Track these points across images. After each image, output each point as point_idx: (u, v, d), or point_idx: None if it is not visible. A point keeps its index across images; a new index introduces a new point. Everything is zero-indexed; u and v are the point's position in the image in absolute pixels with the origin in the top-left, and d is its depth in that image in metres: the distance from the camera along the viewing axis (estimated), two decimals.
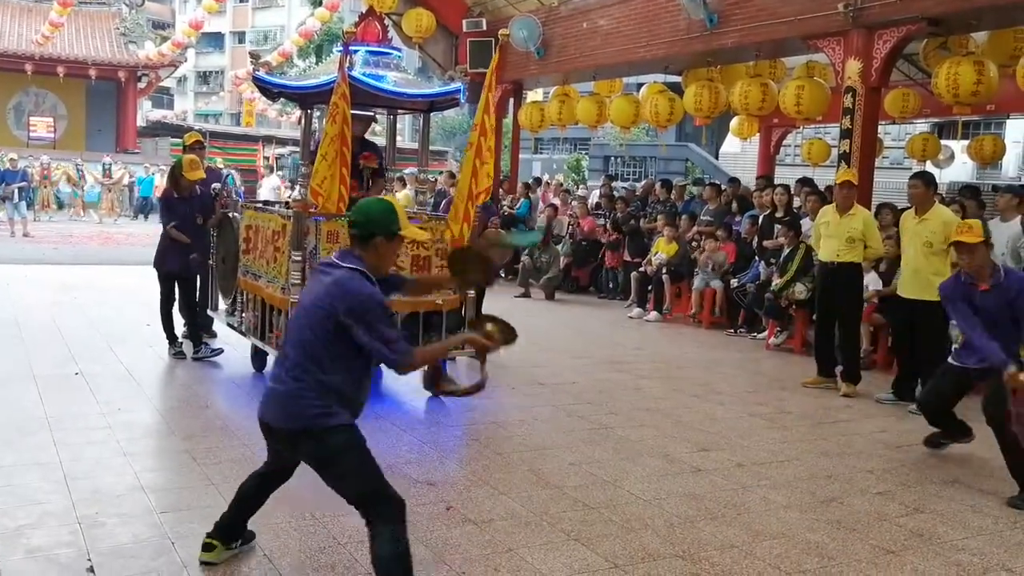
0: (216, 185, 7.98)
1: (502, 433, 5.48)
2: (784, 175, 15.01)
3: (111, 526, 3.70)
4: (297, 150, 13.90)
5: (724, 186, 12.18)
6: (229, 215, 7.28)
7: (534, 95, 18.59)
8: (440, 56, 14.98)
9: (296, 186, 9.66)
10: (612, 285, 12.64)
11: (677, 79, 13.00)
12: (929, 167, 13.26)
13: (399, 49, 6.99)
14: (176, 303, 7.08)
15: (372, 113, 7.26)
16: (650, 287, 10.99)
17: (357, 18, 6.61)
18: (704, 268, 10.33)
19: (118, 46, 29.12)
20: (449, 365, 6.62)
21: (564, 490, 4.45)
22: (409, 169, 15.12)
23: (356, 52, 6.27)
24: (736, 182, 12.63)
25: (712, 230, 10.64)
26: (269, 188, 20.53)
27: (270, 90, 6.57)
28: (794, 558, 3.77)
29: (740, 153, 22.70)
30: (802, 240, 8.88)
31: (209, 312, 7.50)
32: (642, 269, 11.14)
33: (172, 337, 7.08)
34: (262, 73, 6.36)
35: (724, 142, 24.65)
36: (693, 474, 4.85)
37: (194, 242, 7.01)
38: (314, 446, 3.03)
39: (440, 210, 8.55)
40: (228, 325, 7.05)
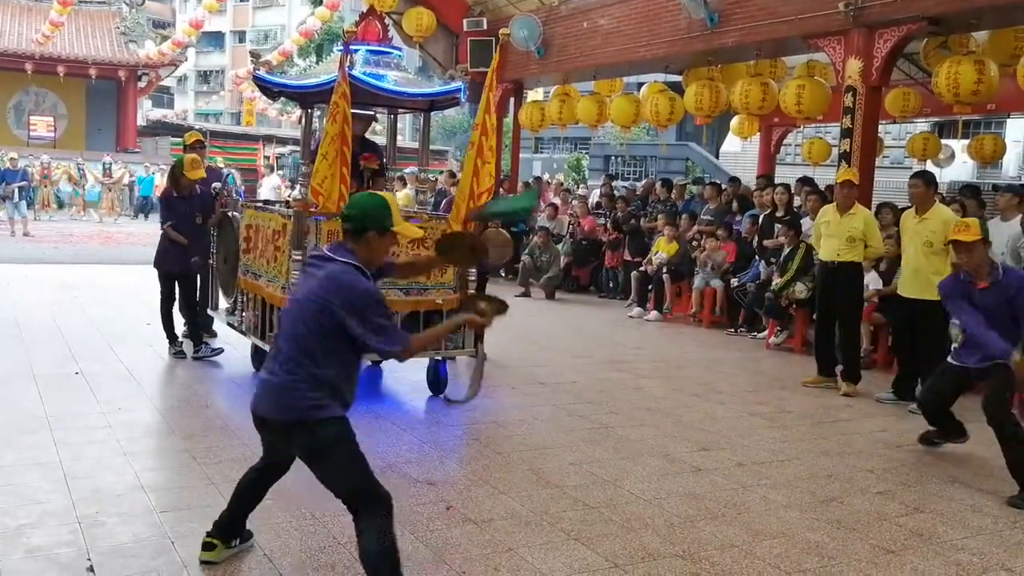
0: (216, 184, 7.98)
1: (502, 432, 5.48)
2: (784, 174, 14.98)
3: (111, 525, 3.70)
4: (297, 149, 13.90)
5: (724, 185, 12.17)
6: (229, 214, 7.28)
7: (534, 94, 18.62)
8: (440, 55, 14.98)
9: (296, 185, 9.66)
10: (612, 284, 12.64)
11: (677, 78, 13.00)
12: (929, 166, 13.25)
13: (399, 48, 7.00)
14: (176, 302, 7.08)
15: (372, 112, 7.26)
16: (650, 286, 10.99)
17: (357, 17, 6.61)
18: (703, 267, 10.33)
19: (118, 45, 29.13)
20: (449, 365, 6.62)
21: (564, 489, 4.45)
22: (409, 168, 15.12)
23: (356, 51, 6.26)
24: (736, 181, 12.62)
25: (712, 229, 10.64)
26: (269, 187, 20.54)
27: (270, 89, 6.56)
28: (794, 558, 3.77)
29: (740, 152, 22.68)
30: (802, 239, 8.88)
31: (209, 311, 7.50)
32: (642, 268, 11.14)
33: (172, 336, 7.08)
34: (262, 72, 6.36)
35: (724, 141, 24.63)
36: (693, 474, 4.85)
37: (194, 241, 7.01)
38: (307, 438, 3.04)
39: (441, 209, 8.54)
40: (228, 324, 7.05)
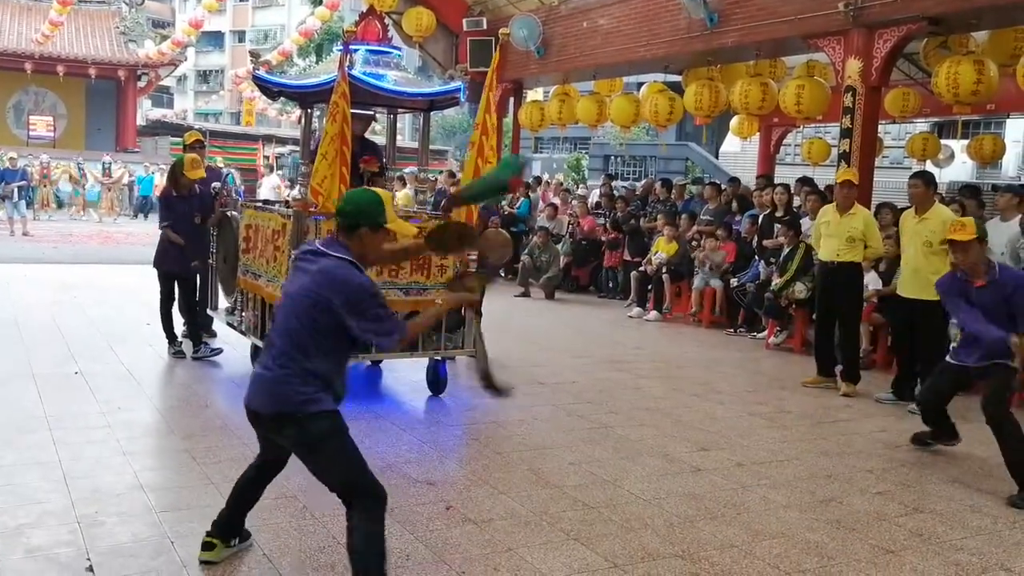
0: (216, 184, 7.98)
1: (502, 432, 5.48)
2: (784, 174, 14.99)
3: (110, 525, 3.70)
4: (297, 149, 13.89)
5: (724, 185, 12.17)
6: (229, 214, 7.28)
7: (534, 94, 18.62)
8: (440, 55, 14.98)
9: (296, 185, 9.66)
10: (612, 284, 12.64)
11: (677, 78, 13.01)
12: (929, 166, 13.27)
13: (399, 48, 7.00)
14: (176, 302, 7.08)
15: (372, 112, 7.26)
16: (650, 286, 10.99)
17: (357, 17, 6.61)
18: (702, 267, 10.33)
19: (118, 45, 29.13)
20: (449, 365, 6.62)
21: (564, 489, 4.45)
22: (409, 168, 15.13)
23: (356, 51, 6.27)
24: (736, 181, 12.62)
25: (712, 229, 10.64)
26: (269, 187, 20.52)
27: (270, 89, 6.57)
28: (794, 558, 3.77)
29: (740, 152, 22.69)
30: (802, 239, 8.88)
31: (209, 311, 7.50)
32: (642, 268, 11.14)
33: (172, 336, 7.08)
34: (262, 72, 6.36)
35: (724, 141, 24.64)
36: (693, 474, 4.85)
37: (193, 241, 7.00)
38: (297, 432, 3.05)
39: (440, 208, 8.53)
40: (228, 324, 7.05)
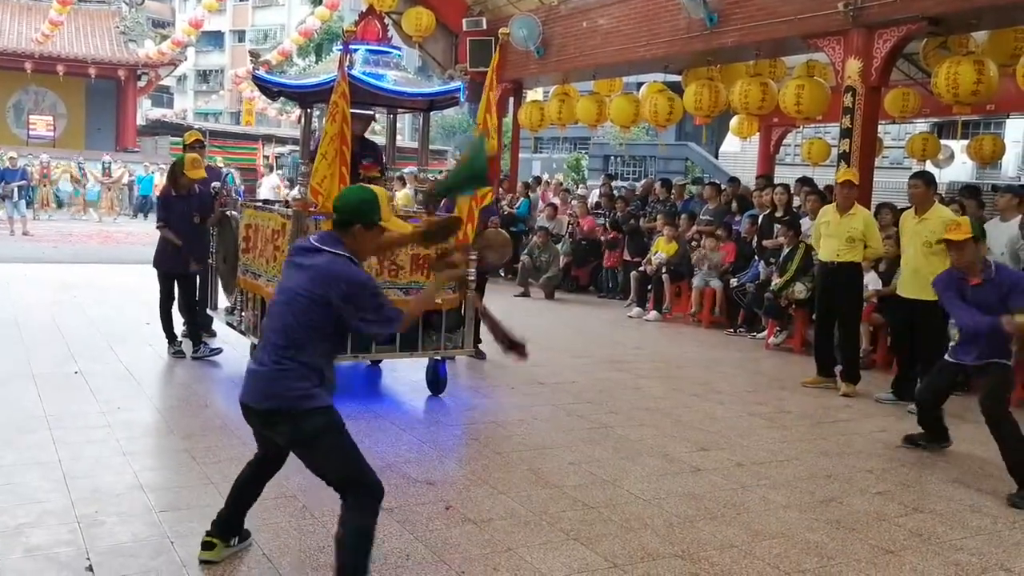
0: (216, 184, 7.98)
1: (501, 432, 5.48)
2: (784, 174, 15.00)
3: (110, 525, 3.70)
4: (297, 149, 13.89)
5: (724, 185, 12.17)
6: (228, 214, 7.28)
7: (534, 94, 18.62)
8: (440, 55, 14.98)
9: (296, 185, 9.66)
10: (612, 284, 12.64)
11: (677, 78, 13.01)
12: (929, 167, 13.27)
13: (399, 48, 6.99)
14: (176, 302, 7.08)
15: (372, 112, 7.26)
16: (650, 286, 10.99)
17: (357, 17, 6.61)
18: (700, 266, 10.34)
19: (118, 45, 29.13)
20: (449, 365, 6.62)
21: (563, 489, 4.45)
22: (409, 168, 15.11)
23: (356, 51, 6.26)
24: (736, 181, 12.62)
25: (712, 229, 10.64)
26: (269, 187, 20.52)
27: (270, 89, 6.56)
28: (793, 558, 3.77)
29: (740, 152, 22.69)
30: (802, 240, 8.88)
31: (208, 311, 7.50)
32: (642, 268, 11.14)
33: (171, 336, 7.07)
34: (262, 72, 6.36)
35: (724, 141, 24.64)
36: (693, 474, 4.85)
37: (192, 241, 6.99)
38: (291, 428, 3.05)
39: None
40: (227, 324, 7.05)
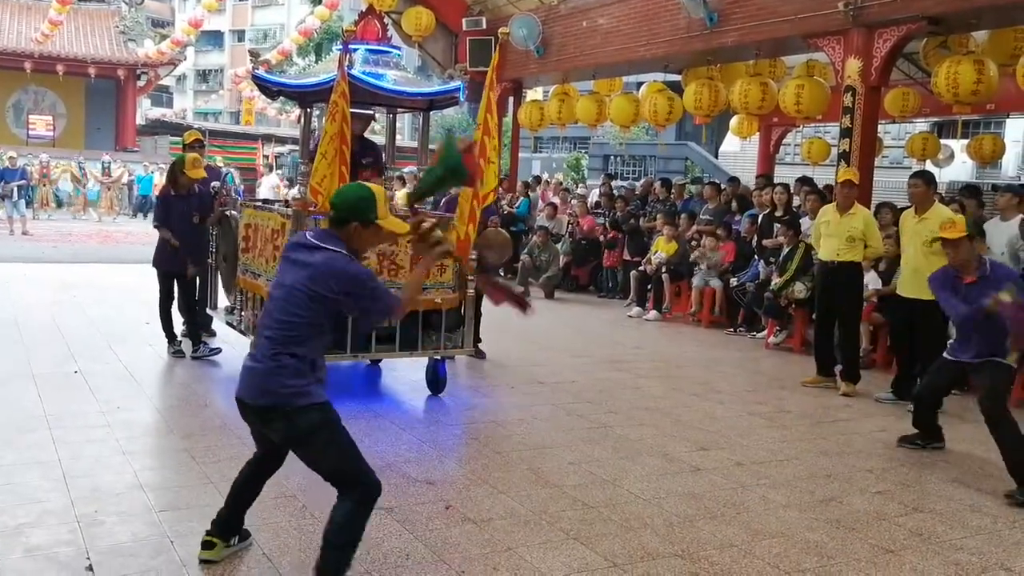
0: (215, 184, 7.98)
1: (501, 432, 5.48)
2: (784, 174, 14.99)
3: (110, 524, 3.70)
4: (296, 148, 13.89)
5: (724, 185, 12.17)
6: (228, 214, 7.28)
7: (534, 94, 18.61)
8: (440, 55, 14.97)
9: (295, 184, 9.66)
10: (612, 284, 12.64)
11: (677, 78, 13.00)
12: (929, 166, 13.27)
13: (399, 48, 6.99)
14: (175, 302, 7.07)
15: (371, 111, 7.26)
16: (650, 286, 10.99)
17: (357, 16, 6.60)
18: (699, 265, 10.34)
19: (117, 44, 29.11)
20: (448, 364, 6.62)
21: (563, 489, 4.44)
22: (408, 168, 15.12)
23: (356, 50, 6.26)
24: (736, 181, 12.62)
25: (712, 229, 10.64)
26: (268, 187, 20.54)
27: (269, 88, 6.56)
28: (793, 557, 3.77)
29: (740, 152, 22.69)
30: (801, 239, 8.88)
31: (208, 311, 7.49)
32: (642, 268, 11.14)
33: (171, 336, 7.07)
34: (261, 71, 6.35)
35: (724, 141, 24.63)
36: (692, 473, 4.85)
37: (191, 241, 6.99)
38: (286, 425, 3.05)
39: (440, 208, 8.53)
40: (227, 324, 7.05)
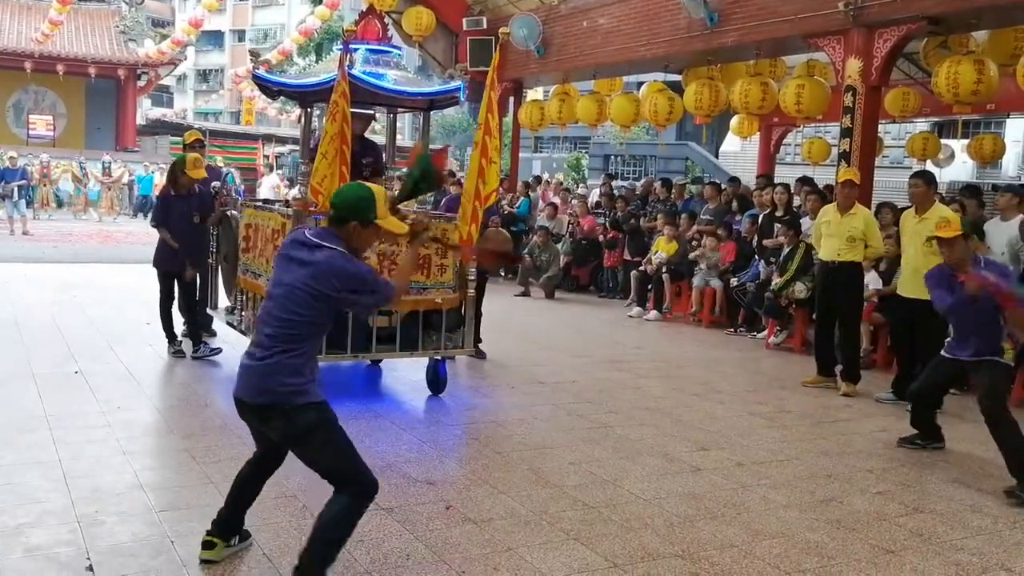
0: (216, 184, 7.97)
1: (502, 432, 5.47)
2: (784, 174, 14.99)
3: (110, 524, 3.70)
4: (297, 148, 13.89)
5: (724, 185, 12.17)
6: (229, 214, 7.28)
7: (534, 94, 18.61)
8: (440, 54, 14.97)
9: (296, 184, 9.66)
10: (612, 284, 12.64)
11: (677, 78, 13.00)
12: (929, 166, 13.26)
13: (399, 47, 6.99)
14: (176, 302, 7.07)
15: (372, 111, 7.25)
16: (650, 286, 10.99)
17: (357, 16, 6.60)
18: (699, 265, 10.35)
19: (118, 44, 29.11)
20: (449, 364, 6.62)
21: (564, 489, 4.44)
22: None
23: (356, 50, 6.26)
24: (736, 181, 12.62)
25: (712, 229, 10.64)
26: (268, 187, 20.55)
27: (270, 88, 6.56)
28: (794, 557, 3.77)
29: (740, 152, 22.69)
30: (802, 239, 8.88)
31: (208, 311, 7.49)
32: (642, 268, 11.14)
33: (171, 336, 7.07)
34: (262, 71, 6.35)
35: (724, 141, 24.63)
36: (693, 473, 4.85)
37: (191, 241, 6.98)
38: (284, 424, 3.07)
39: (440, 208, 8.53)
40: (227, 324, 7.05)
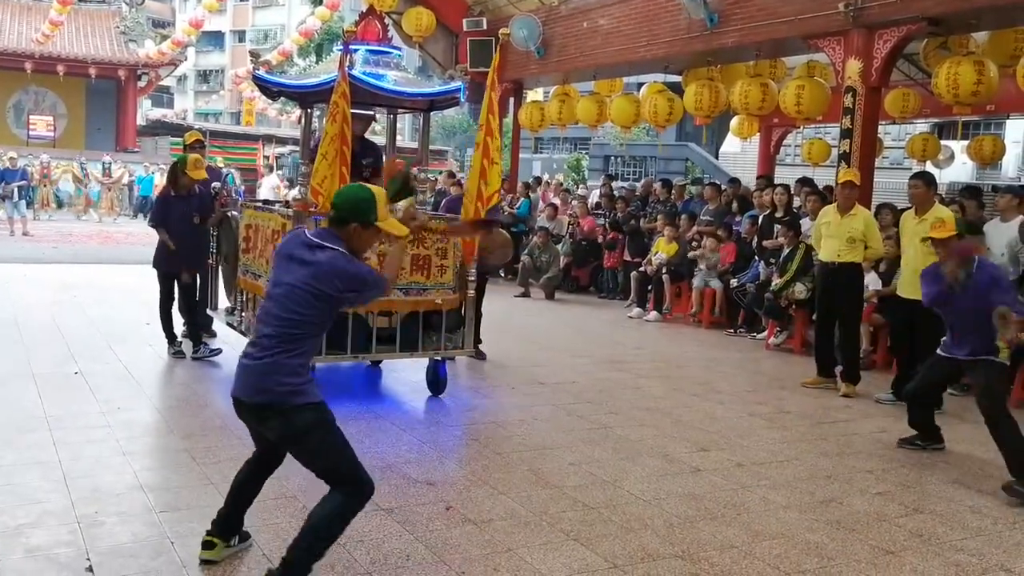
0: (216, 184, 7.97)
1: (502, 433, 5.48)
2: (784, 175, 15.00)
3: (110, 525, 3.70)
4: (297, 149, 13.89)
5: (724, 186, 12.17)
6: (229, 214, 7.28)
7: (534, 94, 18.60)
8: (440, 55, 14.98)
9: (296, 185, 9.65)
10: (612, 285, 12.64)
11: (677, 79, 13.00)
12: (929, 167, 13.26)
13: (399, 48, 6.98)
14: (175, 302, 7.07)
15: (372, 112, 7.25)
16: (650, 287, 10.99)
17: (357, 17, 6.60)
18: (699, 266, 10.35)
19: (118, 45, 29.12)
20: (449, 365, 6.62)
21: (564, 490, 4.44)
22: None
23: (356, 51, 6.26)
24: (736, 182, 12.62)
25: (712, 230, 10.64)
26: (269, 187, 20.54)
27: (270, 89, 6.56)
28: (793, 558, 3.77)
29: (740, 153, 22.71)
30: (802, 240, 8.88)
31: (208, 311, 7.49)
32: (642, 269, 11.14)
33: (171, 336, 7.07)
34: (262, 72, 6.35)
35: (724, 142, 24.64)
36: (693, 474, 4.85)
37: (191, 242, 6.98)
38: (282, 424, 3.07)
39: (441, 209, 8.54)
40: (227, 324, 7.05)
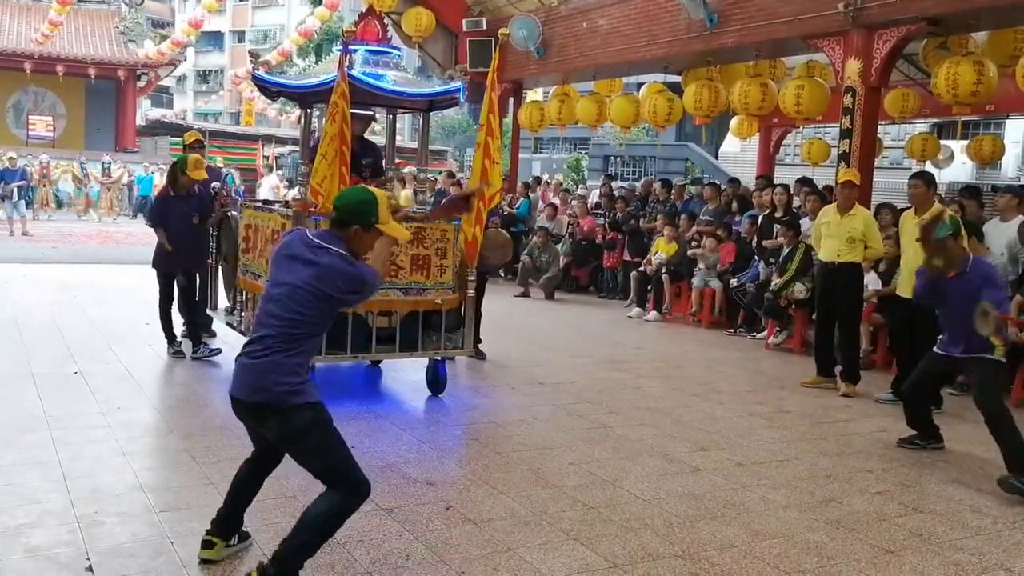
0: (215, 184, 7.97)
1: (501, 432, 5.48)
2: (784, 175, 15.00)
3: (110, 525, 3.70)
4: (297, 149, 13.90)
5: (724, 186, 12.17)
6: (228, 214, 7.28)
7: (534, 95, 18.60)
8: (440, 55, 14.98)
9: (296, 185, 9.65)
10: (612, 285, 12.65)
11: (677, 79, 13.01)
12: (929, 167, 13.27)
13: (399, 48, 6.99)
14: (175, 302, 7.07)
15: (372, 112, 7.25)
16: (650, 287, 11.00)
17: (357, 17, 6.60)
18: (698, 266, 10.35)
19: (117, 45, 29.12)
20: (448, 365, 6.62)
21: (563, 489, 4.45)
22: (408, 168, 15.13)
23: (356, 51, 6.26)
24: (736, 182, 12.63)
25: (712, 230, 10.64)
26: (268, 187, 20.53)
27: (269, 89, 6.56)
28: (793, 558, 3.77)
29: (740, 153, 22.70)
30: (801, 240, 8.89)
31: (208, 311, 7.49)
32: (642, 269, 11.15)
33: (171, 336, 7.07)
34: (261, 72, 6.35)
35: (724, 142, 24.63)
36: (692, 473, 4.85)
37: (191, 242, 6.98)
38: (279, 423, 3.07)
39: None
40: (227, 324, 7.05)
